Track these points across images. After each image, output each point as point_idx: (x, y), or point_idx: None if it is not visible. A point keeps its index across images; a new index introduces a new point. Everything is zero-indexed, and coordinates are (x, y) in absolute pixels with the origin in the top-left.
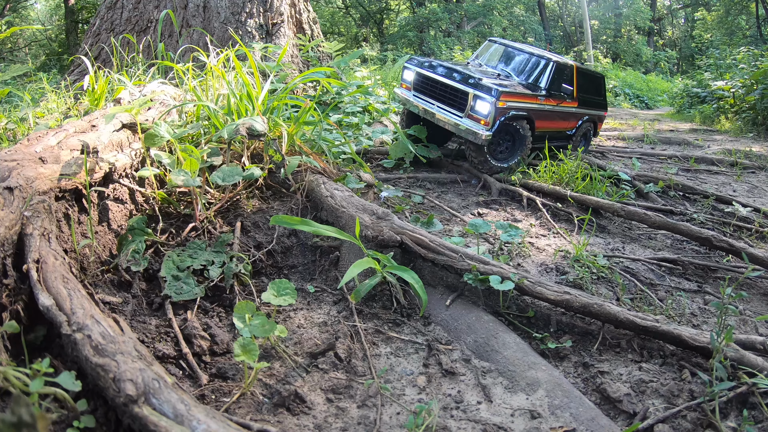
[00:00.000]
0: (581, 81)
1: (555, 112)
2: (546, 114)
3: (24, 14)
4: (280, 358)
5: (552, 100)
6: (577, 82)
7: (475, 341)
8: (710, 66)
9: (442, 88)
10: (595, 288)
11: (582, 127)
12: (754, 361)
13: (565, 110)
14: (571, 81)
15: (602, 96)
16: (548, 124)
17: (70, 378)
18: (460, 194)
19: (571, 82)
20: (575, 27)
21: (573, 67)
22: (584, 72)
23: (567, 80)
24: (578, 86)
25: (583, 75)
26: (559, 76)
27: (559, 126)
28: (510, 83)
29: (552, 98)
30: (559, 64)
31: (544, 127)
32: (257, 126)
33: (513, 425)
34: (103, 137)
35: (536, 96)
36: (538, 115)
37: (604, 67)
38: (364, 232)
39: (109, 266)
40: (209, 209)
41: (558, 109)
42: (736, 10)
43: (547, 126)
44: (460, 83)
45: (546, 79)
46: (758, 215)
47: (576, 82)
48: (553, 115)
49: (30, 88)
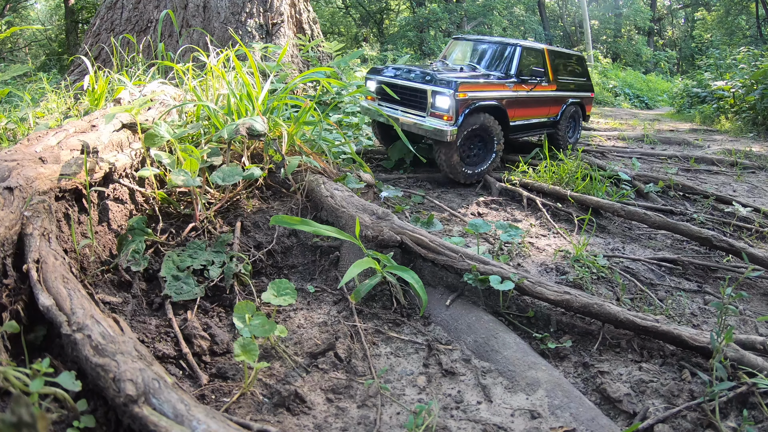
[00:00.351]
0: (556, 63)
1: (530, 99)
2: (520, 101)
3: (24, 14)
4: (280, 358)
5: (524, 86)
6: (550, 65)
7: (475, 341)
8: (710, 66)
9: (402, 91)
10: (595, 288)
11: (567, 111)
12: (754, 361)
13: (542, 95)
14: (543, 64)
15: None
16: (525, 112)
17: (70, 378)
18: (460, 194)
19: (543, 65)
20: (575, 27)
21: (543, 50)
22: (559, 53)
23: (538, 64)
24: (553, 69)
25: (557, 56)
26: (527, 61)
27: (539, 113)
28: (473, 74)
29: (524, 84)
30: (525, 48)
31: (522, 116)
32: (257, 126)
33: (513, 425)
34: (103, 137)
35: (504, 83)
36: (511, 103)
37: (604, 67)
38: (364, 232)
39: (109, 266)
40: (209, 209)
41: (533, 95)
42: (736, 10)
43: (525, 114)
44: (418, 83)
45: (514, 65)
46: (758, 215)
47: (549, 64)
48: (528, 102)
49: (30, 88)
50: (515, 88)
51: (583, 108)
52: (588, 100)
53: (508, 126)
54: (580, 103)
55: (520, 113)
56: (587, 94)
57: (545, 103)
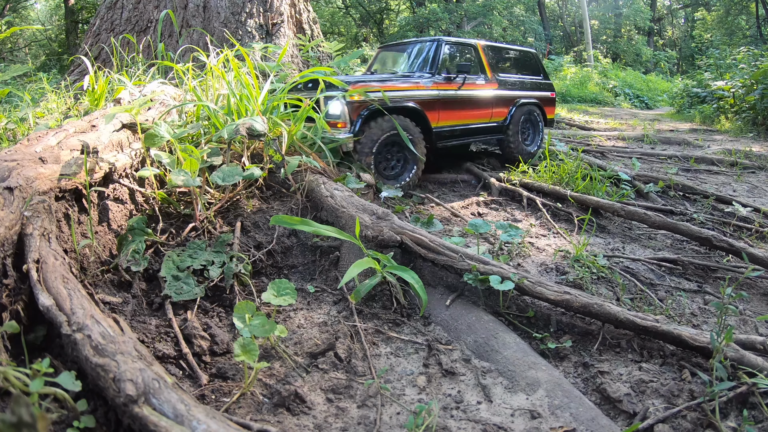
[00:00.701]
0: (496, 59)
1: (460, 99)
2: (444, 102)
3: (24, 14)
4: (280, 358)
5: (448, 84)
6: (487, 61)
7: (475, 341)
8: (710, 66)
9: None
10: (595, 288)
11: (519, 114)
12: (754, 361)
13: (476, 95)
14: (476, 60)
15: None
16: (454, 114)
17: (70, 378)
18: (460, 194)
19: (476, 60)
20: (575, 27)
21: (476, 45)
22: (499, 48)
23: (468, 60)
24: (491, 65)
25: (497, 51)
26: (453, 56)
27: (476, 116)
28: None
29: (448, 82)
30: (449, 43)
31: (450, 119)
32: (257, 126)
33: (513, 425)
34: (103, 137)
35: (418, 82)
36: (430, 103)
37: (604, 67)
38: (364, 232)
39: (109, 266)
40: (209, 209)
41: (463, 95)
42: (736, 10)
43: (455, 117)
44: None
45: (434, 62)
46: (758, 215)
47: (485, 60)
48: (457, 103)
49: (30, 88)
50: (435, 87)
51: (543, 110)
52: (547, 101)
53: (430, 131)
54: (536, 104)
55: (447, 116)
56: (545, 94)
57: (483, 104)
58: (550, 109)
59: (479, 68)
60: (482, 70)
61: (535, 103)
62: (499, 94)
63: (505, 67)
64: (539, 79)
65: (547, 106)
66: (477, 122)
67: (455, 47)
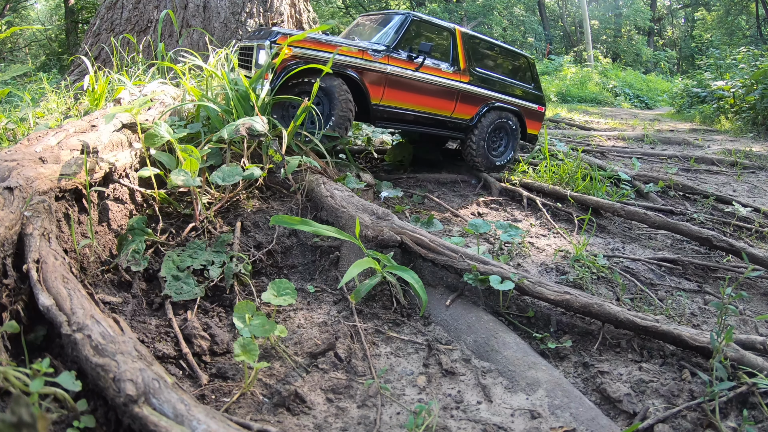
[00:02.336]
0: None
1: (414, 81)
2: (393, 80)
3: (24, 14)
4: (280, 358)
5: (402, 62)
6: (464, 50)
7: (475, 341)
8: (710, 66)
9: (245, 53)
10: (595, 288)
11: (490, 118)
12: (754, 361)
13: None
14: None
15: (531, 83)
16: (405, 96)
17: (70, 378)
18: (460, 194)
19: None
20: (575, 27)
21: (453, 29)
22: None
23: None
24: (468, 56)
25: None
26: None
27: (432, 105)
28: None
29: (403, 60)
30: (418, 20)
31: (398, 100)
32: (257, 126)
33: (513, 425)
34: (103, 137)
35: (366, 51)
36: (375, 78)
37: (604, 67)
38: (364, 232)
39: (109, 266)
40: (209, 209)
41: (420, 78)
42: (736, 10)
43: (405, 99)
44: (249, 40)
45: (394, 35)
46: (758, 215)
47: (462, 49)
48: (410, 85)
49: (30, 88)
50: (384, 60)
51: (523, 122)
52: (532, 113)
53: (368, 105)
54: (516, 113)
55: (395, 95)
56: (530, 105)
57: (444, 94)
58: (534, 124)
59: (451, 56)
60: (454, 59)
61: (514, 111)
62: (468, 89)
63: (487, 63)
64: (528, 88)
65: (530, 118)
66: (432, 112)
67: (428, 27)
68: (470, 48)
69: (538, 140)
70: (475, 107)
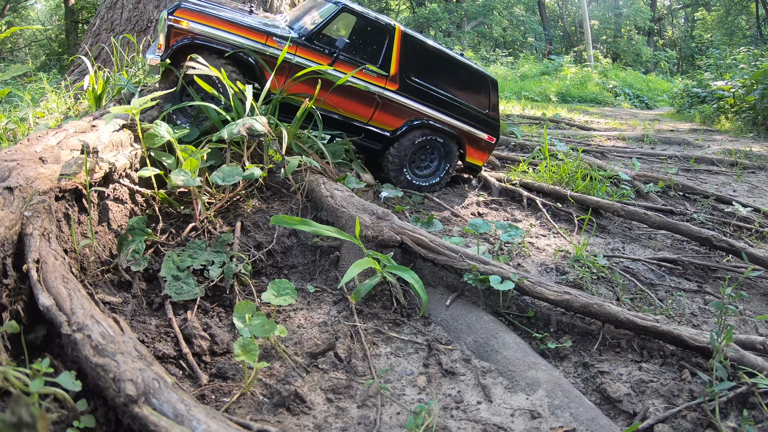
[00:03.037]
0: (415, 57)
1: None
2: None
3: (24, 14)
4: (280, 358)
5: (313, 54)
6: (400, 53)
7: (475, 341)
8: (710, 66)
9: None
10: (595, 288)
11: (415, 134)
12: (754, 361)
13: (353, 83)
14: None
15: (486, 108)
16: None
17: (70, 378)
18: (460, 194)
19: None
20: (575, 27)
21: (393, 30)
22: (430, 49)
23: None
24: (403, 61)
25: (423, 51)
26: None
27: (344, 107)
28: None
29: (317, 52)
30: (351, 12)
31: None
32: (257, 126)
33: (513, 425)
34: (103, 137)
35: (270, 35)
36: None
37: (604, 67)
38: (364, 232)
39: (109, 266)
40: (209, 209)
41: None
42: (736, 10)
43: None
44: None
45: (317, 26)
46: (758, 215)
47: (398, 51)
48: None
49: (30, 88)
50: (292, 50)
51: (462, 146)
52: (477, 142)
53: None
54: (454, 137)
55: (299, 89)
56: (478, 134)
57: (362, 98)
58: (478, 154)
59: (381, 58)
60: (385, 62)
61: (451, 134)
62: (393, 98)
63: (430, 75)
64: (480, 113)
65: (473, 146)
66: (345, 116)
67: (362, 21)
68: (409, 53)
69: (479, 172)
70: (400, 119)
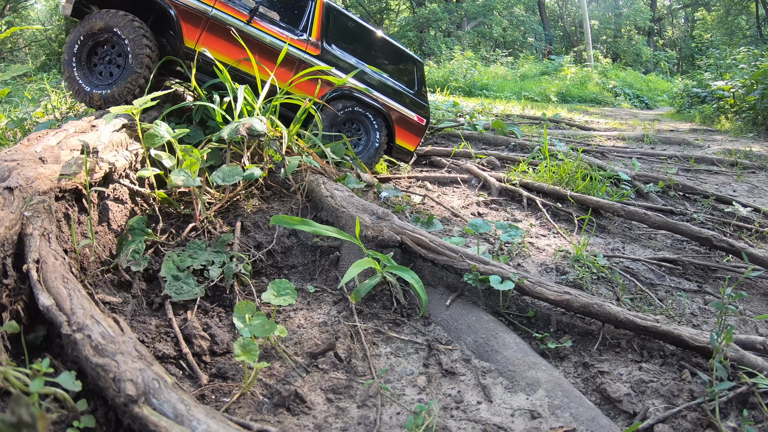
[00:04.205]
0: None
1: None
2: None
3: (24, 14)
4: (280, 358)
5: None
6: (322, 21)
7: (475, 341)
8: (710, 66)
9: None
10: (595, 288)
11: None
12: (754, 361)
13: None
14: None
15: (413, 87)
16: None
17: (70, 378)
18: (460, 194)
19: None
20: (575, 27)
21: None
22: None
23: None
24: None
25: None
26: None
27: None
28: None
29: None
30: None
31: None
32: (257, 126)
33: (513, 425)
34: (103, 137)
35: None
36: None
37: (604, 67)
38: (364, 232)
39: (109, 266)
40: (209, 209)
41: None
42: (736, 10)
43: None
44: None
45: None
46: (758, 215)
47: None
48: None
49: (30, 88)
50: (210, 2)
51: (390, 126)
52: (406, 122)
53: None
54: (381, 113)
55: (215, 44)
56: (407, 112)
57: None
58: (407, 136)
59: (303, 21)
60: (306, 27)
61: (378, 109)
62: (314, 62)
63: (353, 47)
64: (407, 91)
65: (402, 127)
66: (263, 78)
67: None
68: (331, 22)
69: (411, 158)
70: (323, 89)
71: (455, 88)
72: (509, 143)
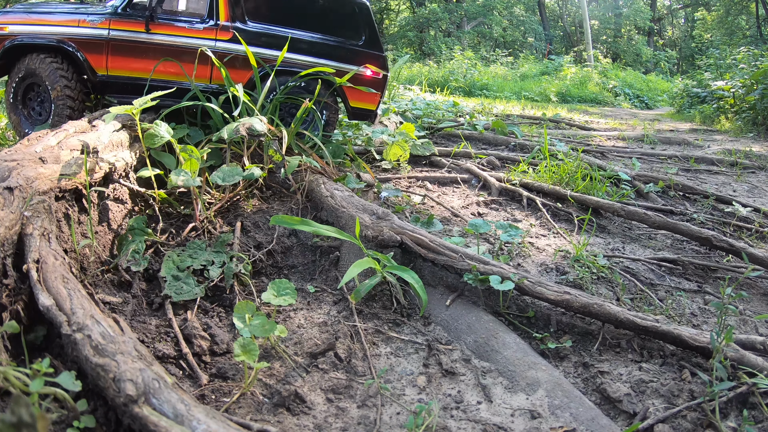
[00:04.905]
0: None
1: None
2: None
3: None
4: (280, 358)
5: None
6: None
7: (475, 341)
8: (710, 66)
9: None
10: (595, 288)
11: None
12: (754, 361)
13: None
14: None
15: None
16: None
17: (70, 378)
18: (460, 194)
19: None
20: (575, 27)
21: None
22: None
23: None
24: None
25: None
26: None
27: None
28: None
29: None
30: None
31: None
32: (257, 126)
33: (513, 425)
34: (103, 137)
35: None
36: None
37: (604, 67)
38: (364, 232)
39: (109, 266)
40: (209, 209)
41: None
42: (736, 10)
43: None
44: None
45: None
46: (758, 215)
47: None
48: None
49: None
50: (103, 25)
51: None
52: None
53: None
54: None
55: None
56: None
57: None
58: (363, 96)
59: (207, 9)
60: (212, 13)
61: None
62: (229, 49)
63: (272, 15)
64: (353, 45)
65: (353, 86)
66: (181, 80)
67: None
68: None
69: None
70: (247, 72)
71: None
72: (509, 143)
